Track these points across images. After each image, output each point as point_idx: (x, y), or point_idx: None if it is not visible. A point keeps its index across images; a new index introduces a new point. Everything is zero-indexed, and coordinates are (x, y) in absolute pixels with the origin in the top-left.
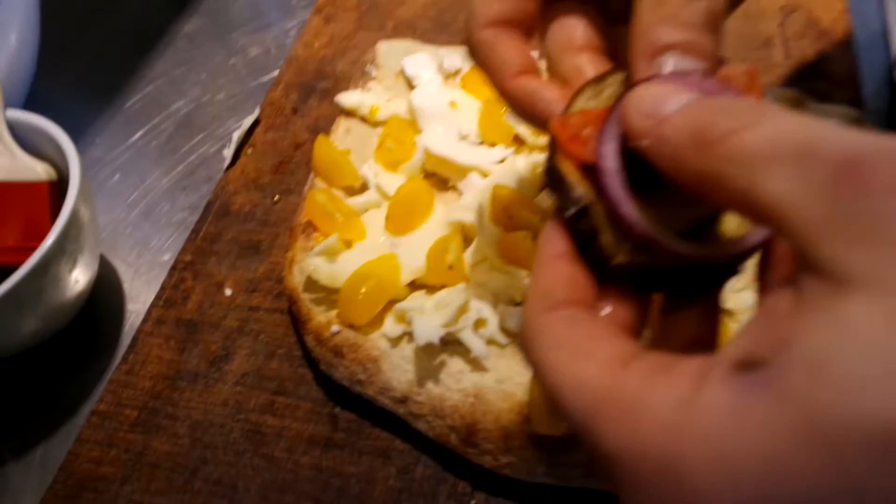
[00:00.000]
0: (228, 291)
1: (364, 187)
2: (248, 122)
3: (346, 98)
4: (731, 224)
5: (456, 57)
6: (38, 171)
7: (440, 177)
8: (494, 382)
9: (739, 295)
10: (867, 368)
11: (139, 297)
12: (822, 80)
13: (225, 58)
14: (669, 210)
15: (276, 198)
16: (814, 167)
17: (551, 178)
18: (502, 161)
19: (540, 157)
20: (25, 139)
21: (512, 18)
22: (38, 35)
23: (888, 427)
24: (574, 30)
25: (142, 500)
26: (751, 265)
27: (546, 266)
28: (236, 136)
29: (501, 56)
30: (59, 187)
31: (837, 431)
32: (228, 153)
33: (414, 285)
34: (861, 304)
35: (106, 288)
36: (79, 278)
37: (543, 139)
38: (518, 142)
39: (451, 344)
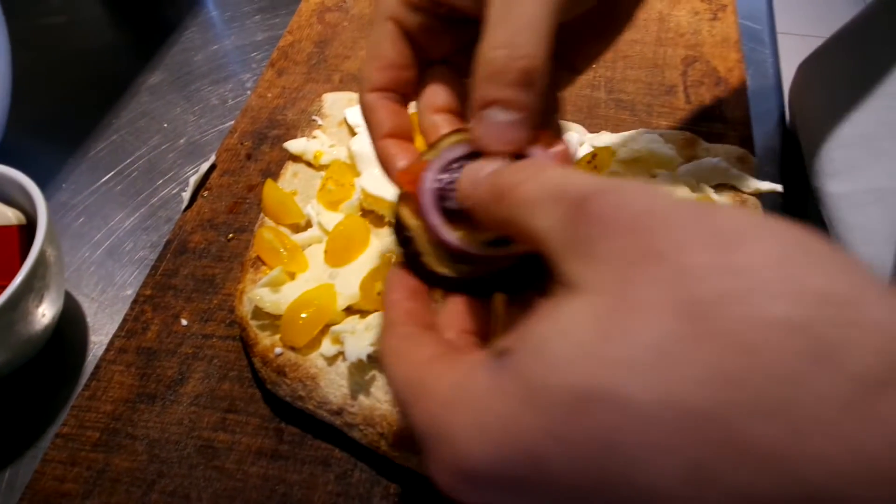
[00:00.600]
0: (184, 321)
1: (308, 224)
2: (204, 167)
3: (293, 145)
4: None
5: None
6: (9, 216)
7: (377, 214)
8: None
9: None
10: (567, 349)
11: (102, 330)
12: (719, 122)
13: (185, 108)
14: (476, 232)
15: (230, 236)
16: (561, 204)
17: (396, 226)
18: None
19: None
20: None
21: (390, 86)
22: (8, 88)
23: (576, 389)
24: (436, 94)
25: None
26: None
27: (390, 305)
28: (193, 180)
29: (377, 118)
30: (27, 230)
31: (544, 394)
32: (186, 196)
33: (350, 311)
34: (574, 303)
35: (71, 322)
36: (45, 313)
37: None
38: None
39: (379, 361)
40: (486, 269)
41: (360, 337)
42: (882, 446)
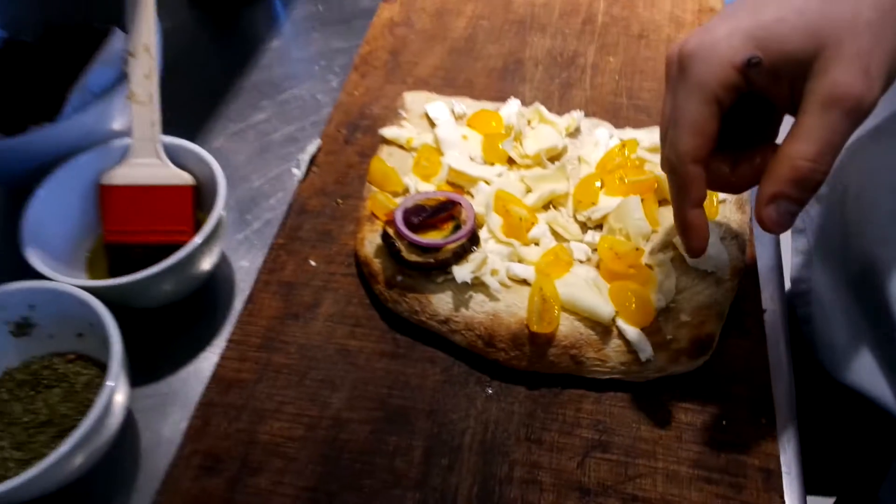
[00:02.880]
0: (313, 262)
1: (406, 191)
2: (312, 147)
3: (388, 131)
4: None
5: (462, 104)
6: (185, 178)
7: (458, 185)
8: (505, 307)
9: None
10: None
11: (245, 271)
12: None
13: (284, 102)
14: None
15: (339, 201)
16: None
17: (383, 236)
18: (500, 175)
19: (525, 173)
20: (173, 157)
21: (706, 159)
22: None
23: None
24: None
25: (271, 393)
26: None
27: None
28: (305, 158)
29: (696, 190)
30: (196, 191)
31: None
32: (300, 171)
33: None
34: None
35: (220, 265)
36: (213, 257)
37: (528, 161)
38: (510, 162)
39: (476, 285)
40: (435, 258)
41: (462, 266)
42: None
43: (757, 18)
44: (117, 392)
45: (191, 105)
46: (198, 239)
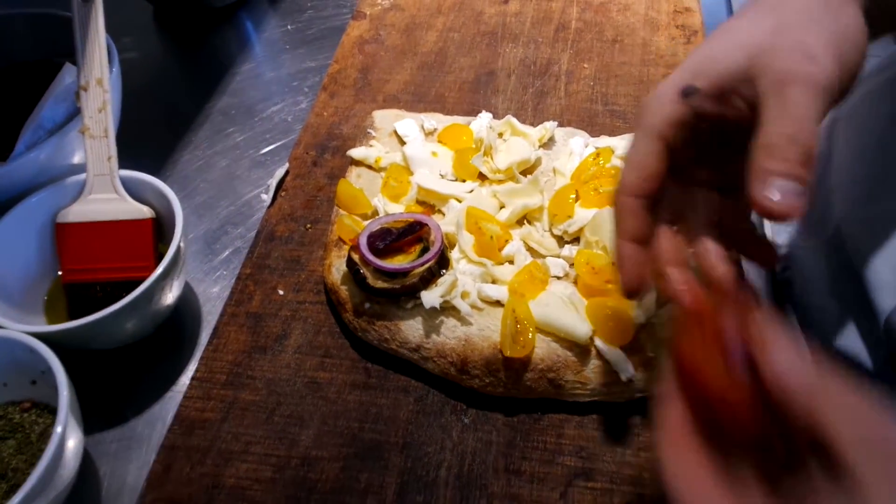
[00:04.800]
0: (281, 292)
1: (375, 214)
2: (280, 172)
3: (356, 152)
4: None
5: (432, 120)
6: (144, 211)
7: (429, 203)
8: (477, 331)
9: None
10: None
11: (211, 303)
12: None
13: (252, 126)
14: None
15: (308, 226)
16: (864, 427)
17: (348, 263)
18: (471, 191)
19: (498, 188)
20: (130, 190)
21: (646, 194)
22: (119, 119)
23: None
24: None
25: (237, 433)
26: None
27: (664, 417)
28: (273, 183)
29: (627, 222)
30: (156, 224)
31: None
32: (268, 196)
33: None
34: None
35: (185, 297)
36: (174, 290)
37: (500, 175)
38: (481, 177)
39: (447, 309)
40: (401, 283)
41: (431, 291)
42: None
43: (693, 57)
44: (69, 439)
45: (158, 134)
46: (156, 273)
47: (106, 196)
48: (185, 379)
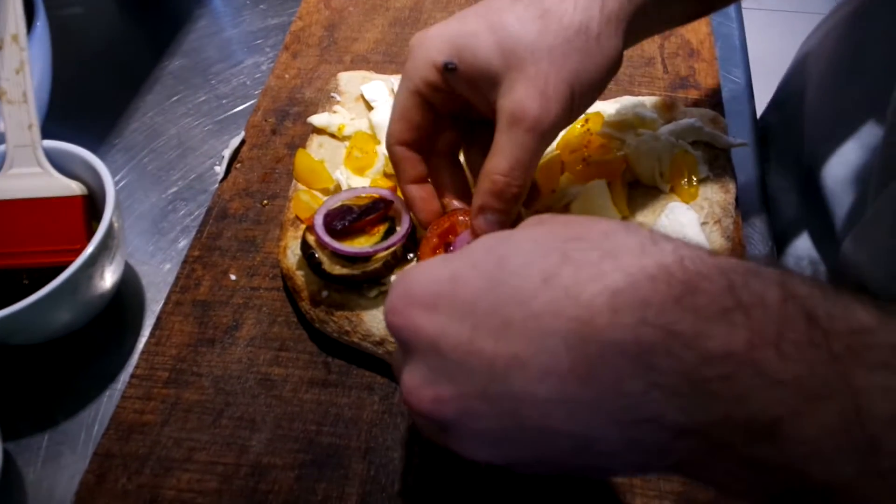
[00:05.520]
0: (233, 276)
1: (337, 188)
2: (235, 141)
3: (318, 119)
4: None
5: None
6: (73, 187)
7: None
8: None
9: None
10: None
11: (157, 288)
12: (693, 88)
13: (207, 90)
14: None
15: (265, 202)
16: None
17: (302, 246)
18: None
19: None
20: (57, 164)
21: (412, 143)
22: (50, 81)
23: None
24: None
25: (179, 438)
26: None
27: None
28: (226, 154)
29: (403, 168)
30: (87, 201)
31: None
32: (221, 168)
33: None
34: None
35: (127, 283)
36: (111, 275)
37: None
38: None
39: None
40: (362, 269)
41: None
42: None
43: (461, 27)
44: None
45: (101, 99)
46: (82, 257)
47: (29, 170)
48: (125, 376)
